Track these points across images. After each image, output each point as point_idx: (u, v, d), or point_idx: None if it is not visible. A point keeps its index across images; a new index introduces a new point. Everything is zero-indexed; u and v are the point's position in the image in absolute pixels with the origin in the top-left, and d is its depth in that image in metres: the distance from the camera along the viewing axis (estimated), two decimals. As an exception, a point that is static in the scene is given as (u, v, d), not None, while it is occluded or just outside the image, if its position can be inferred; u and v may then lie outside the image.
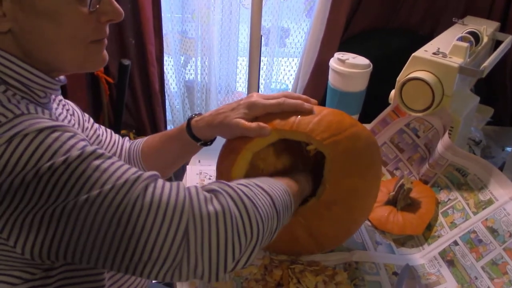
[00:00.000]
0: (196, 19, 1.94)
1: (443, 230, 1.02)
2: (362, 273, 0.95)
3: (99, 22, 0.73)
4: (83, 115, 0.97)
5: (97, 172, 0.61)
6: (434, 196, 1.08)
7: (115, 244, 0.60)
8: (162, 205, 0.62)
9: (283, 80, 2.23)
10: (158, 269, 0.61)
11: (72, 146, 0.62)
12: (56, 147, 0.60)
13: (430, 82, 1.07)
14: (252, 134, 0.88)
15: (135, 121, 2.05)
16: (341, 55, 1.33)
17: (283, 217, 0.75)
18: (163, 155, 1.02)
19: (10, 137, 0.59)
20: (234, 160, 0.90)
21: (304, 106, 0.89)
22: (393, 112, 1.21)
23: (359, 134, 0.89)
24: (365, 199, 0.91)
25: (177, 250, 0.61)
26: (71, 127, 0.65)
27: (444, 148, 1.09)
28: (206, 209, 0.63)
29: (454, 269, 0.95)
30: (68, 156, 0.60)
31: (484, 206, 0.99)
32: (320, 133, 0.86)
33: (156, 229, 0.60)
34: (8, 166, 0.58)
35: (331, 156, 0.86)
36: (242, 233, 0.64)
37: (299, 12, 2.03)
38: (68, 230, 0.60)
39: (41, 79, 0.71)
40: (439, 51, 1.13)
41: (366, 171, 0.89)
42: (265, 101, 0.90)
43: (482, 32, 1.26)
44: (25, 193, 0.59)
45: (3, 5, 0.64)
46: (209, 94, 2.11)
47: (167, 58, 2.03)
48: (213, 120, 0.92)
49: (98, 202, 0.60)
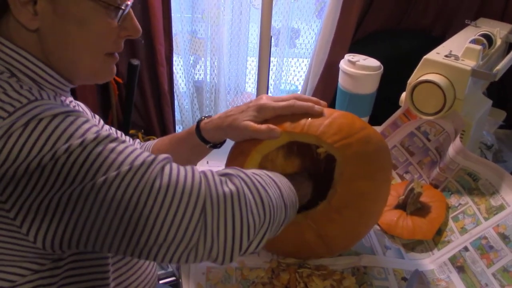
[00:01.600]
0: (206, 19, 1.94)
1: (454, 236, 1.01)
2: (371, 278, 0.94)
3: (118, 36, 0.76)
4: (93, 116, 0.98)
5: (113, 154, 0.62)
6: (444, 201, 1.07)
7: (131, 226, 0.60)
8: (179, 185, 0.62)
9: (292, 81, 2.22)
10: (173, 251, 0.62)
11: (87, 129, 0.63)
12: (72, 131, 0.61)
13: (442, 85, 1.06)
14: (262, 136, 0.88)
15: (144, 121, 2.05)
16: (352, 56, 1.32)
17: (290, 212, 0.76)
18: (173, 157, 1.02)
19: (26, 122, 0.60)
20: (243, 162, 0.89)
21: (314, 108, 0.89)
22: (403, 115, 1.20)
23: (370, 137, 0.88)
24: (376, 203, 0.90)
25: (193, 231, 0.61)
26: (83, 113, 0.66)
27: (455, 152, 1.07)
28: (222, 190, 0.64)
29: (464, 275, 0.94)
30: (84, 139, 0.61)
31: (496, 212, 0.97)
32: (330, 136, 0.86)
33: (173, 210, 0.61)
34: (24, 150, 0.59)
35: (341, 159, 0.85)
36: (256, 214, 0.66)
37: (309, 13, 2.02)
38: (84, 213, 0.60)
39: (53, 78, 0.73)
40: (451, 53, 1.11)
41: (376, 174, 0.88)
42: (275, 104, 0.89)
43: (495, 34, 1.24)
44: (41, 176, 0.59)
45: (37, 4, 0.67)
46: (218, 95, 2.10)
47: (176, 58, 2.03)
48: (222, 122, 0.92)
49: (117, 183, 0.60)
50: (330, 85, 1.77)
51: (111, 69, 0.79)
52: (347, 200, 0.86)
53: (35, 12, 0.67)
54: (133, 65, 1.75)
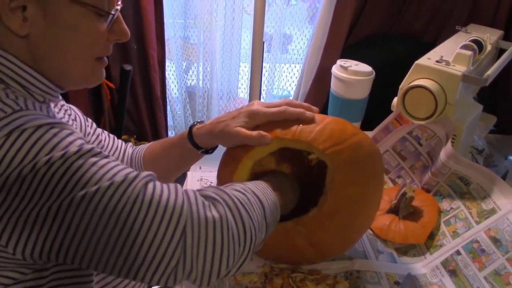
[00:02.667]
0: (198, 25, 1.94)
1: (446, 240, 1.01)
2: (364, 282, 0.94)
3: (108, 40, 0.75)
4: (85, 120, 0.97)
5: (94, 167, 0.61)
6: (436, 205, 1.07)
7: (111, 244, 0.59)
8: (162, 204, 0.61)
9: (285, 86, 2.23)
10: (152, 272, 0.61)
11: (71, 142, 0.61)
12: (55, 143, 0.60)
13: (433, 90, 1.07)
14: (253, 142, 0.87)
15: (136, 127, 2.05)
16: (344, 62, 1.33)
17: (270, 230, 0.75)
18: (165, 162, 1.01)
19: (8, 132, 0.59)
20: (235, 168, 0.89)
21: (305, 114, 0.88)
22: (395, 119, 1.20)
23: (361, 143, 0.88)
24: (367, 208, 0.90)
25: (173, 254, 0.60)
26: (69, 125, 0.65)
27: (447, 157, 1.08)
28: (204, 215, 0.63)
29: (457, 279, 0.94)
30: (66, 151, 0.60)
31: (487, 216, 0.98)
32: (322, 142, 0.85)
33: (153, 229, 0.60)
34: (5, 160, 0.58)
35: (333, 166, 0.85)
36: (237, 243, 0.65)
37: (301, 19, 2.03)
38: (63, 228, 0.59)
39: (42, 84, 0.72)
40: (442, 59, 1.12)
41: (368, 180, 0.88)
42: (266, 110, 0.89)
43: (485, 40, 1.25)
44: (20, 188, 0.58)
45: (27, 10, 0.66)
46: (210, 100, 2.10)
47: (169, 64, 2.03)
48: (214, 128, 0.91)
49: (97, 199, 0.59)
50: (322, 91, 1.78)
51: (100, 73, 0.78)
52: (338, 207, 0.85)
53: (24, 18, 0.66)
54: (125, 70, 1.75)
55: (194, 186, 1.18)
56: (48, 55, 0.70)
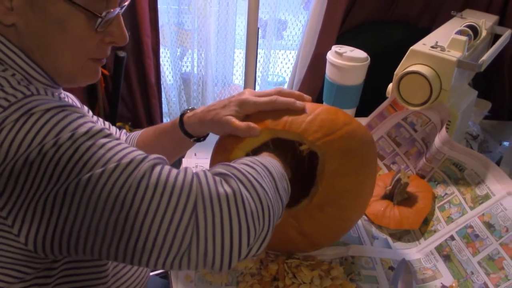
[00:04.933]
0: (192, 11, 1.93)
1: (440, 225, 1.02)
2: (358, 268, 0.94)
3: (102, 42, 0.73)
4: (82, 107, 0.97)
5: (102, 150, 0.60)
6: (431, 191, 1.08)
7: (119, 229, 0.57)
8: (169, 185, 0.59)
9: (280, 73, 2.22)
10: (164, 256, 0.58)
11: (81, 124, 0.61)
12: (64, 125, 0.59)
13: (428, 76, 1.07)
14: (241, 134, 0.87)
15: (131, 114, 2.04)
16: (339, 48, 1.32)
17: (284, 202, 0.73)
18: (157, 150, 1.01)
19: (18, 117, 0.58)
20: (227, 158, 0.88)
21: (296, 104, 0.87)
22: (390, 106, 1.20)
23: (353, 133, 0.87)
24: (359, 198, 0.90)
25: (183, 234, 0.57)
26: (80, 109, 0.65)
27: (442, 143, 1.08)
28: (216, 191, 0.60)
29: (451, 264, 0.95)
30: (74, 132, 0.59)
31: (481, 201, 0.98)
32: (312, 133, 0.84)
33: (161, 210, 0.57)
34: (13, 145, 0.58)
35: (324, 157, 0.84)
36: (256, 218, 0.62)
37: (296, 5, 2.01)
38: (71, 213, 0.58)
39: (41, 76, 0.71)
40: (437, 44, 1.12)
41: (360, 170, 0.87)
42: (257, 99, 0.88)
43: (480, 25, 1.25)
44: (29, 174, 0.58)
45: (13, 0, 0.65)
46: (205, 87, 2.09)
47: (163, 50, 2.02)
48: (204, 117, 0.91)
49: (102, 181, 0.57)
50: (317, 77, 1.77)
51: (93, 73, 0.77)
52: (329, 198, 0.85)
53: (11, 7, 0.65)
54: (119, 57, 1.74)
55: (189, 173, 1.18)
56: (37, 47, 0.69)
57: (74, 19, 0.68)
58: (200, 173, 0.64)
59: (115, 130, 1.05)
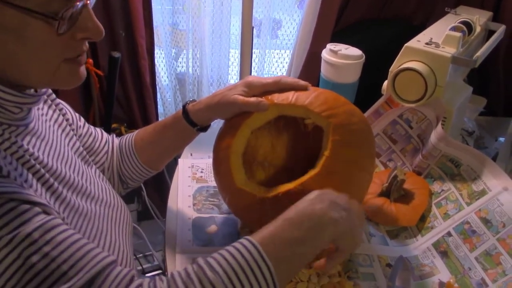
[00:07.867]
0: (187, 11, 1.92)
1: (437, 221, 1.02)
2: (356, 265, 0.94)
3: (73, 39, 0.67)
4: (74, 114, 0.97)
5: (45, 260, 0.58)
6: (427, 187, 1.08)
7: None
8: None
9: (275, 72, 2.22)
10: None
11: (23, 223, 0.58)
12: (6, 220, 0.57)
13: (423, 72, 1.07)
14: (251, 108, 0.90)
15: (126, 115, 2.03)
16: (334, 46, 1.32)
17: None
18: (159, 146, 1.02)
19: None
20: (234, 135, 0.92)
21: (300, 83, 0.93)
22: (386, 103, 1.20)
23: (355, 111, 0.92)
24: (363, 174, 0.90)
25: None
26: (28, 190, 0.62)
27: (437, 139, 1.08)
28: None
29: (448, 260, 0.95)
30: (15, 235, 0.57)
31: (478, 197, 0.98)
32: (317, 106, 0.89)
33: None
34: None
35: (328, 128, 0.87)
36: None
37: (291, 3, 2.01)
38: None
39: (11, 95, 0.67)
40: (431, 41, 1.12)
41: (362, 145, 0.90)
42: (263, 79, 0.93)
43: (475, 21, 1.25)
44: None
45: None
46: (201, 87, 2.09)
47: (158, 51, 2.01)
48: (211, 101, 0.93)
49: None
50: (312, 75, 1.76)
51: (75, 75, 0.72)
52: (335, 167, 0.86)
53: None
54: (114, 57, 1.73)
55: (185, 173, 1.18)
56: (1, 63, 0.64)
57: (30, 26, 0.62)
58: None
59: (108, 136, 1.05)
